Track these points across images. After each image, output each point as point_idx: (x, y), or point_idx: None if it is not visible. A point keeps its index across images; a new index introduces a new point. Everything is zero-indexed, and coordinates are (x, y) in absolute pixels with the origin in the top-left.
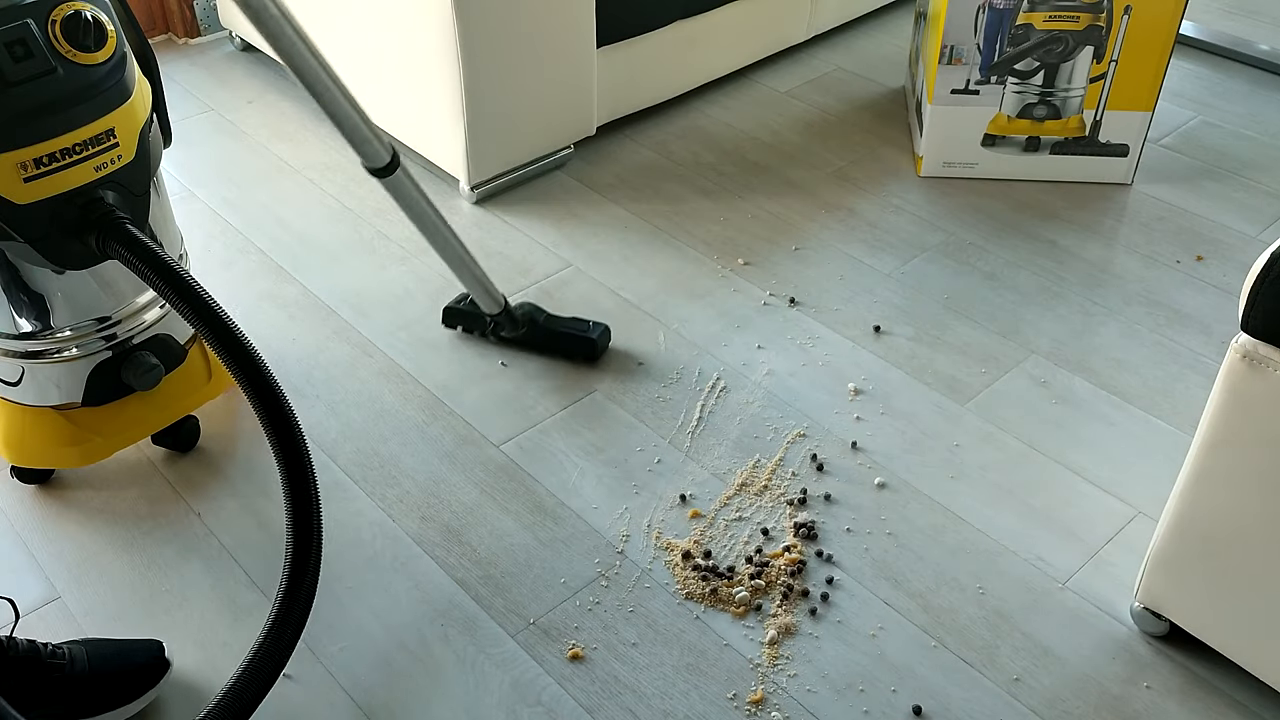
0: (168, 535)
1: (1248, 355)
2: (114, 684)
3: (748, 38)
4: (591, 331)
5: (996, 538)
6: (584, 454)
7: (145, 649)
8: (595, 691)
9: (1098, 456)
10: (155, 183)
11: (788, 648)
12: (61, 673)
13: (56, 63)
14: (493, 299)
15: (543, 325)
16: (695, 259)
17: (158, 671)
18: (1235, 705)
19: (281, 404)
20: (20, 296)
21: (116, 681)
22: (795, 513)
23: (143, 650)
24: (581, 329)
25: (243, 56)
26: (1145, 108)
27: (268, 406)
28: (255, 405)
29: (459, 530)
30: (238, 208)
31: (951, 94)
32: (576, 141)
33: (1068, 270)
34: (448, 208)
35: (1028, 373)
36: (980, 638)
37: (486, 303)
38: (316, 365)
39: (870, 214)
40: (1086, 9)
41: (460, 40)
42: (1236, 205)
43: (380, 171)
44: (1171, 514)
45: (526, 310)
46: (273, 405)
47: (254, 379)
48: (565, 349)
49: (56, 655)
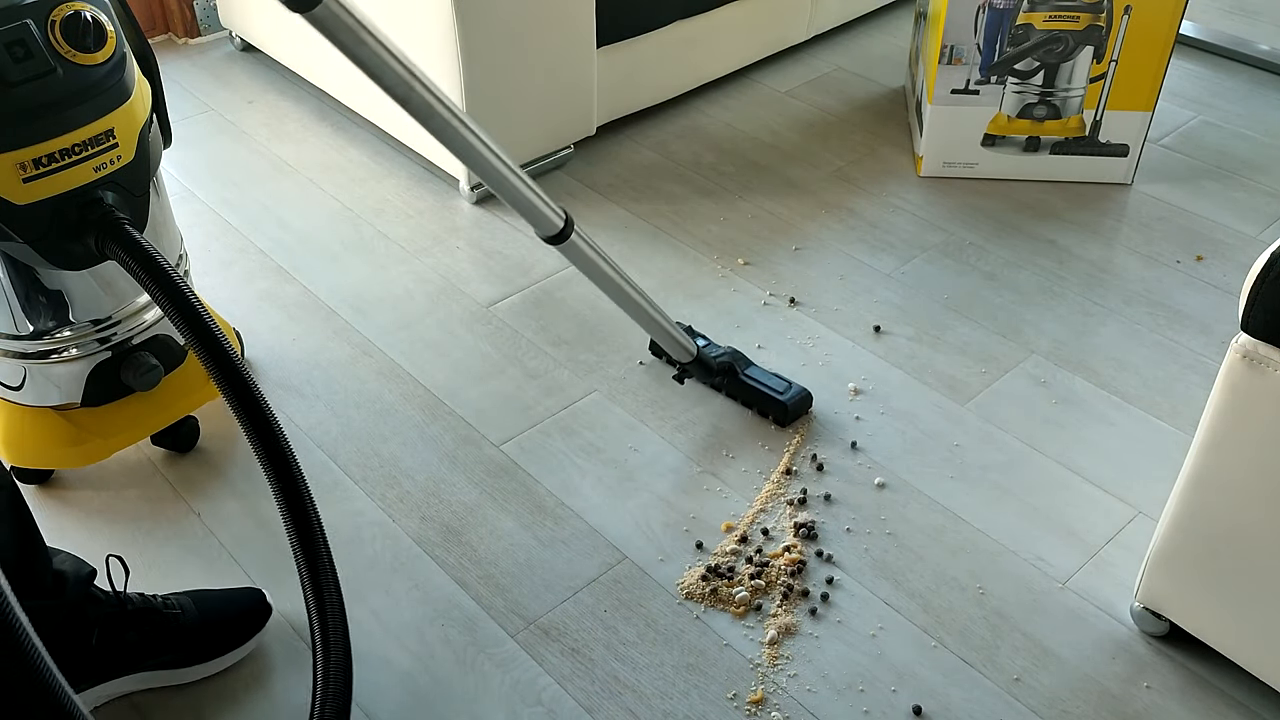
0: (168, 535)
1: (1248, 355)
2: (223, 630)
3: (748, 38)
4: (785, 394)
5: (996, 538)
6: (584, 454)
7: (248, 596)
8: (595, 691)
9: (1098, 456)
10: (155, 183)
11: (788, 648)
12: (176, 622)
13: (56, 63)
14: (684, 349)
15: (739, 378)
16: (695, 259)
17: (262, 617)
18: (1235, 705)
19: (266, 415)
20: (22, 297)
21: (226, 628)
22: (795, 513)
23: (246, 598)
24: (778, 389)
25: (243, 56)
26: (1145, 108)
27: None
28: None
29: (459, 530)
30: (238, 208)
31: (951, 94)
32: (576, 141)
33: (1068, 270)
34: (448, 208)
35: (1028, 373)
36: (980, 638)
37: (678, 353)
38: (316, 365)
39: (870, 214)
40: (1086, 9)
41: (460, 40)
42: (1236, 205)
43: (553, 239)
44: (1171, 514)
45: (724, 360)
46: (258, 418)
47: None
48: (758, 405)
49: (169, 605)
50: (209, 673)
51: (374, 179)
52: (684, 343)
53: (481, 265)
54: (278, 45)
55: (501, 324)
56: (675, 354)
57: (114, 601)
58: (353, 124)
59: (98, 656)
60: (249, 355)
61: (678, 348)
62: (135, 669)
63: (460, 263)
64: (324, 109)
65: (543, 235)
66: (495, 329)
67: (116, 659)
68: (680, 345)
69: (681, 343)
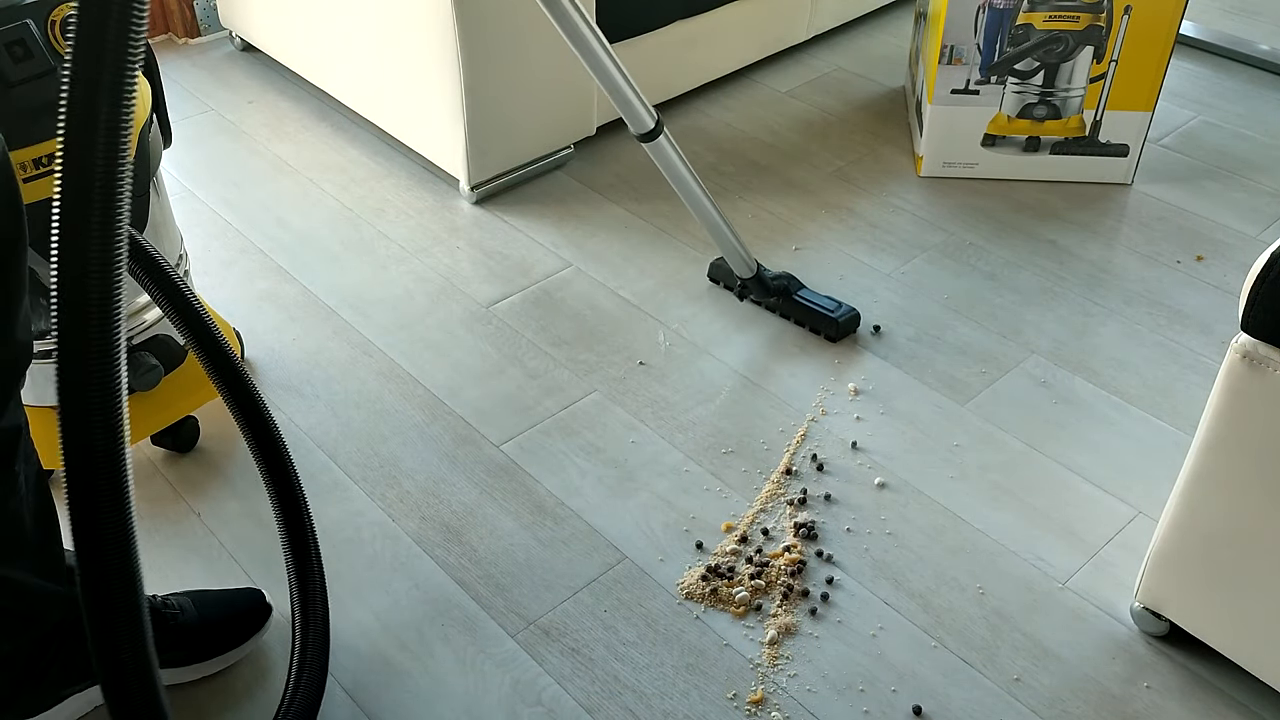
0: (168, 535)
1: (1248, 355)
2: (223, 630)
3: (748, 38)
4: (838, 312)
5: (996, 538)
6: (584, 454)
7: (247, 597)
8: (595, 691)
9: (1098, 456)
10: (155, 183)
11: (788, 648)
12: (176, 621)
13: (56, 63)
14: (745, 264)
15: (793, 298)
16: (695, 259)
17: (262, 617)
18: (1235, 705)
19: (269, 426)
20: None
21: (226, 628)
22: (795, 513)
23: (246, 598)
24: (829, 308)
25: (243, 56)
26: (1145, 108)
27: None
28: (243, 429)
29: (459, 530)
30: (238, 208)
31: (951, 94)
32: (576, 141)
33: (1068, 270)
34: (448, 208)
35: (1028, 373)
36: (980, 638)
37: (740, 267)
38: (316, 365)
39: (870, 214)
40: (1086, 9)
41: (460, 40)
42: (1236, 205)
43: (644, 137)
44: (1171, 514)
45: (781, 282)
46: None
47: (242, 402)
48: (810, 324)
49: (169, 605)
50: (209, 673)
51: (374, 179)
52: (747, 258)
53: (481, 265)
54: (278, 45)
55: (501, 324)
56: (738, 268)
57: None
58: (353, 124)
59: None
60: (249, 355)
61: (741, 262)
62: None
63: (460, 263)
64: (324, 109)
65: (635, 132)
66: (495, 329)
67: None
68: (743, 260)
69: (745, 258)
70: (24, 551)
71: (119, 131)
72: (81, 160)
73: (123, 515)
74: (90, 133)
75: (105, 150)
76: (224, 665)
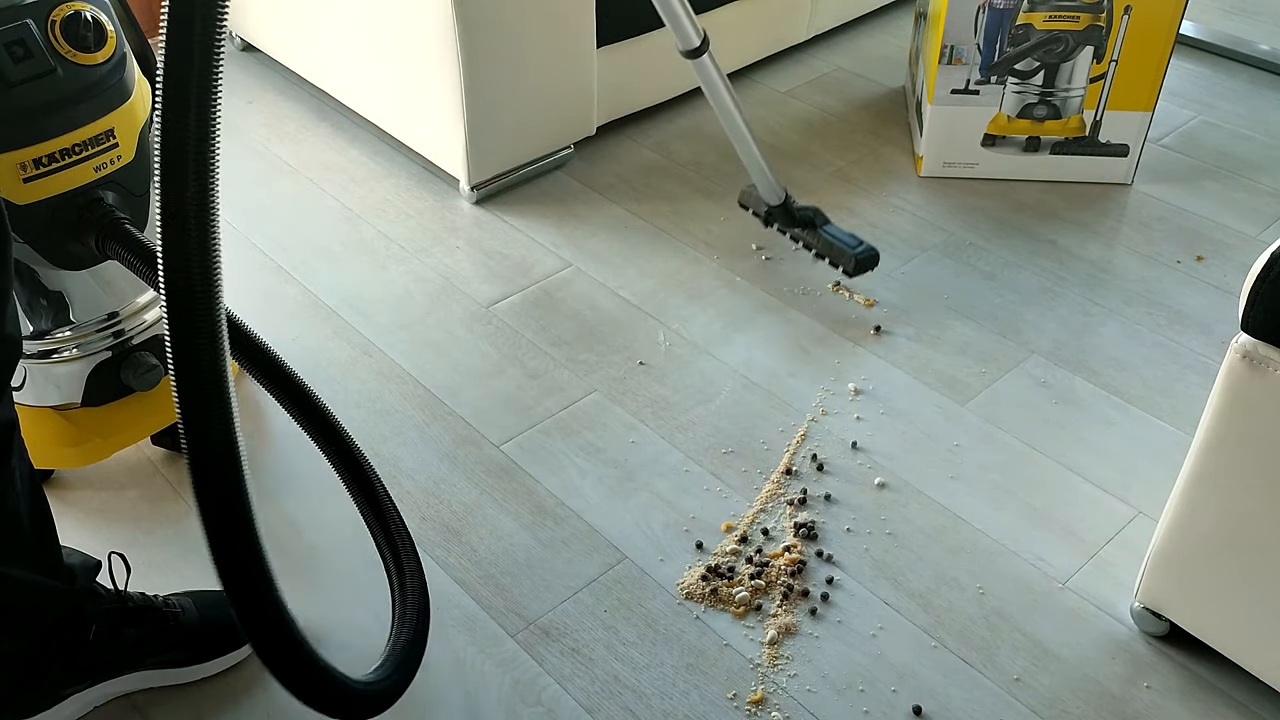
0: (168, 535)
1: (1248, 355)
2: (224, 630)
3: (748, 38)
4: (858, 249)
5: (996, 538)
6: (584, 454)
7: None
8: (595, 691)
9: (1098, 456)
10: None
11: (788, 648)
12: (176, 621)
13: (56, 63)
14: (774, 192)
15: (817, 229)
16: (695, 259)
17: None
18: (1235, 705)
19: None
20: (23, 298)
21: (226, 628)
22: (795, 513)
23: None
24: (850, 244)
25: (243, 56)
26: (1145, 108)
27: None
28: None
29: (459, 530)
30: (238, 208)
31: (951, 94)
32: (576, 141)
33: (1068, 270)
34: (448, 208)
35: (1028, 373)
36: (980, 638)
37: (769, 193)
38: (316, 365)
39: (870, 214)
40: (1086, 9)
41: (460, 40)
42: (1236, 205)
43: (691, 53)
44: (1171, 514)
45: (807, 214)
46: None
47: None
48: (830, 257)
49: (169, 605)
50: (209, 673)
51: (374, 179)
52: (776, 186)
53: (481, 265)
54: (278, 45)
55: (501, 324)
56: (767, 195)
57: (114, 598)
58: (352, 124)
59: (95, 652)
60: None
61: (770, 188)
62: (134, 667)
63: (460, 263)
64: (324, 109)
65: (681, 49)
66: (495, 329)
67: (115, 656)
68: (772, 187)
69: (774, 185)
70: (22, 548)
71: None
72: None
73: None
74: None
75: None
76: (224, 665)
